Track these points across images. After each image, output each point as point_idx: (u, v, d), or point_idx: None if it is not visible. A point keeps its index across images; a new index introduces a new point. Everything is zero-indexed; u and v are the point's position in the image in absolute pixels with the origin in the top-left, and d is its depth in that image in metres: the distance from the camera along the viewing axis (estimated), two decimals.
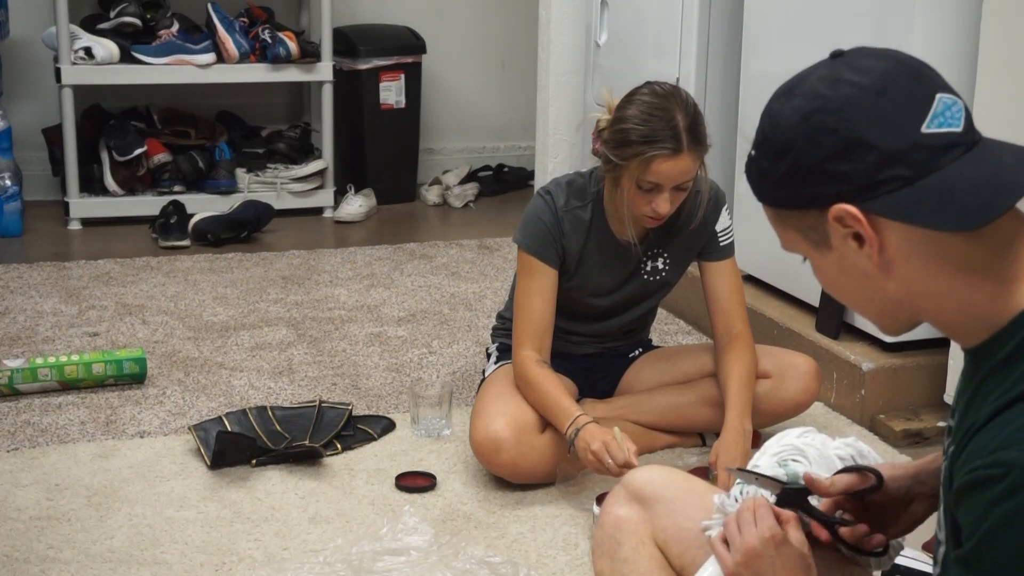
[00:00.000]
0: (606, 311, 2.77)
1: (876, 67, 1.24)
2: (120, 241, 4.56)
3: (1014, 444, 1.13)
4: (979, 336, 1.24)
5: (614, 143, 2.47)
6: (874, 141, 1.20)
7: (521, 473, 2.57)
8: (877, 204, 1.21)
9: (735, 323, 2.69)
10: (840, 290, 1.32)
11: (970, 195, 1.19)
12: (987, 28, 2.67)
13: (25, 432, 2.87)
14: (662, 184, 2.46)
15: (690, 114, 2.45)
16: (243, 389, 3.15)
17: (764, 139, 1.29)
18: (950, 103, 1.22)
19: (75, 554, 2.32)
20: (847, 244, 1.25)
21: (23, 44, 4.98)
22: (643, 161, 2.43)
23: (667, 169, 2.44)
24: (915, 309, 1.27)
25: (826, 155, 1.22)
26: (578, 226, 2.64)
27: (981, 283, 1.22)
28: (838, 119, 1.22)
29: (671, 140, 2.42)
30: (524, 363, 2.61)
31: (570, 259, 2.65)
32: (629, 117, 2.45)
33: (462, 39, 5.61)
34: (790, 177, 1.25)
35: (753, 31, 3.47)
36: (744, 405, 2.59)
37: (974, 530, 1.15)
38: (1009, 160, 1.22)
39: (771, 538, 1.45)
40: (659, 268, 2.72)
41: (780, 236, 1.33)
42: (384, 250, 4.52)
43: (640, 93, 2.49)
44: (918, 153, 1.20)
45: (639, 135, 2.42)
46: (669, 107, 2.44)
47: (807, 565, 1.45)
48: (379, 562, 2.27)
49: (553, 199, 2.63)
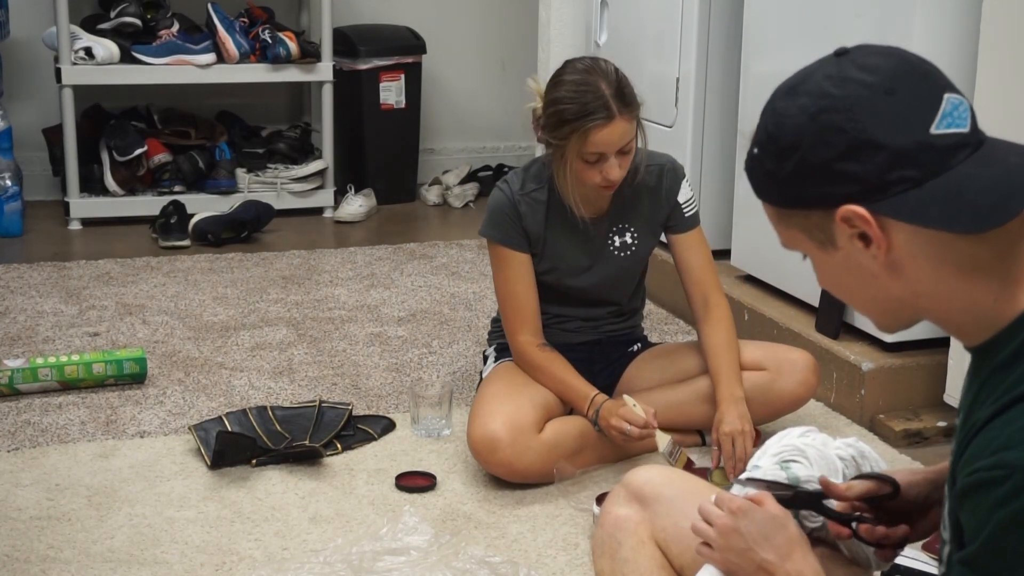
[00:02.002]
0: (590, 292, 2.80)
1: (884, 65, 1.23)
2: (120, 241, 4.56)
3: (1016, 444, 1.13)
4: (982, 336, 1.24)
5: (551, 126, 2.58)
6: (884, 141, 1.19)
7: (517, 473, 2.58)
8: (886, 205, 1.20)
9: (711, 293, 2.76)
10: (843, 289, 1.31)
11: (982, 197, 1.18)
12: (987, 28, 2.67)
13: (25, 432, 2.87)
14: (605, 152, 2.55)
15: (613, 81, 2.55)
16: (243, 389, 3.15)
17: (768, 138, 1.27)
18: (957, 103, 1.22)
19: (75, 554, 2.33)
20: (853, 244, 1.24)
21: (23, 44, 4.98)
22: (581, 135, 2.53)
23: (605, 136, 2.53)
24: (918, 308, 1.27)
25: (835, 155, 1.21)
26: (536, 207, 2.71)
27: (985, 284, 1.21)
28: (847, 118, 1.20)
29: (602, 109, 2.52)
30: (526, 348, 2.69)
31: (535, 241, 2.72)
32: (559, 99, 2.56)
33: (462, 39, 5.61)
34: (796, 176, 1.24)
35: (753, 31, 3.47)
36: (732, 372, 2.66)
37: (977, 532, 1.15)
38: (1016, 160, 1.21)
39: (737, 509, 1.47)
40: (628, 243, 2.78)
41: (781, 235, 1.32)
42: (384, 250, 4.52)
43: (564, 73, 2.60)
44: (927, 154, 1.19)
45: (571, 113, 2.53)
46: (593, 80, 2.54)
47: (779, 525, 1.46)
48: (379, 562, 2.28)
49: (509, 186, 2.73)
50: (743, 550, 1.45)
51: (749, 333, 3.27)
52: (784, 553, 1.43)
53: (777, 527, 1.45)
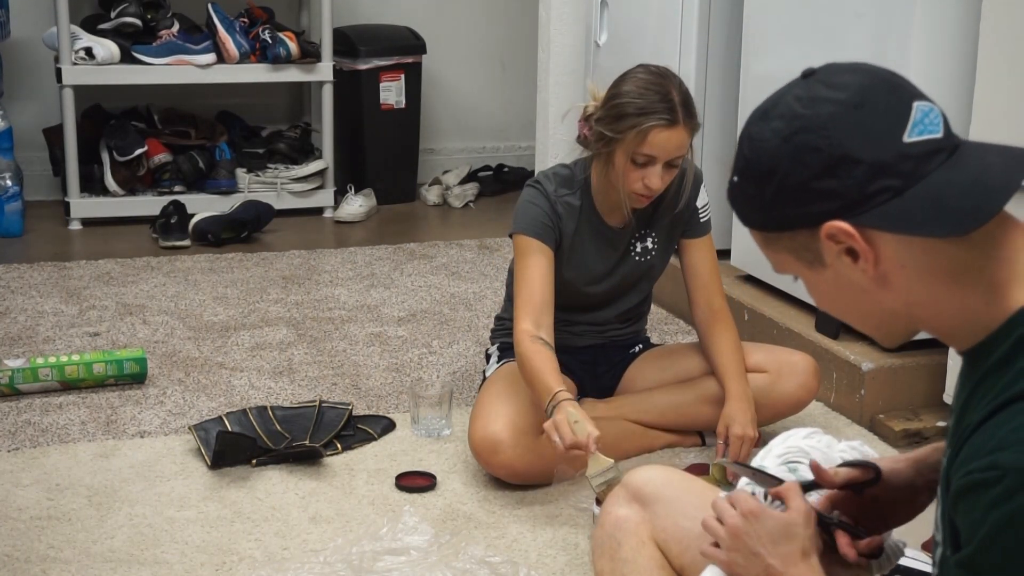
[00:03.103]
0: (603, 297, 2.80)
1: (851, 81, 1.24)
2: (120, 241, 4.56)
3: (1009, 446, 1.13)
4: (973, 339, 1.24)
5: (609, 119, 2.54)
6: (859, 155, 1.20)
7: (518, 474, 2.58)
8: (869, 217, 1.21)
9: (715, 298, 2.76)
10: (837, 306, 1.33)
11: (961, 199, 1.19)
12: (987, 28, 2.67)
13: (26, 432, 2.87)
14: (656, 156, 2.52)
15: (683, 91, 2.54)
16: (243, 389, 3.15)
17: (746, 164, 1.28)
18: (927, 110, 1.23)
19: (75, 554, 2.33)
20: (841, 260, 1.25)
21: (24, 44, 4.98)
22: (640, 132, 2.49)
23: (663, 140, 2.50)
24: (912, 318, 1.28)
25: (812, 174, 1.22)
26: (570, 211, 2.69)
27: (974, 287, 1.22)
28: (820, 137, 1.22)
29: (667, 112, 2.49)
30: (520, 337, 2.63)
31: (564, 244, 2.69)
32: (624, 93, 2.53)
33: (462, 39, 5.61)
34: (777, 200, 1.25)
35: (753, 31, 3.47)
36: (740, 372, 2.66)
37: (972, 534, 1.15)
38: (994, 159, 1.23)
39: (749, 512, 1.46)
40: (648, 248, 2.78)
41: (771, 259, 1.33)
42: (384, 250, 4.52)
43: (634, 72, 2.57)
44: (904, 163, 1.20)
45: (636, 108, 2.49)
46: (664, 83, 2.52)
47: (790, 533, 1.43)
48: (379, 562, 2.28)
49: (544, 187, 2.69)
50: (750, 553, 1.45)
51: (749, 333, 3.27)
52: (790, 561, 1.43)
53: (787, 535, 1.44)
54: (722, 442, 2.61)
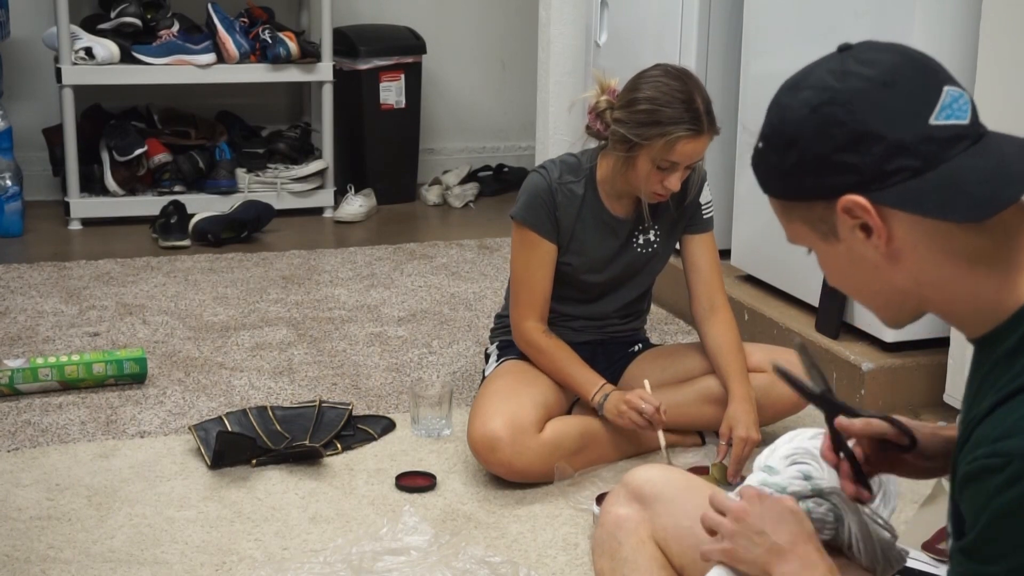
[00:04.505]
0: (601, 288, 2.80)
1: (884, 60, 1.25)
2: (120, 241, 4.56)
3: (1016, 434, 1.14)
4: (984, 327, 1.25)
5: (635, 123, 2.53)
6: (882, 132, 1.21)
7: (516, 472, 2.58)
8: (885, 195, 1.22)
9: (716, 295, 2.77)
10: (847, 282, 1.33)
11: (978, 186, 1.20)
12: (987, 27, 2.67)
13: (26, 432, 2.87)
14: (681, 163, 2.54)
15: (706, 97, 2.55)
16: (243, 389, 3.15)
17: (772, 131, 1.29)
18: (957, 96, 1.24)
19: (75, 554, 2.33)
20: (855, 235, 1.25)
21: (24, 44, 4.98)
22: (668, 142, 2.51)
23: (690, 149, 2.53)
24: (922, 300, 1.28)
25: (834, 146, 1.23)
26: (571, 199, 2.70)
27: (987, 273, 1.23)
28: (846, 111, 1.23)
29: (694, 122, 2.50)
30: (533, 334, 2.69)
31: (564, 233, 2.71)
32: (650, 98, 2.52)
33: (462, 39, 5.61)
34: (798, 169, 1.26)
35: (753, 30, 3.47)
36: (742, 371, 2.67)
37: (976, 520, 1.16)
38: (1012, 151, 1.23)
39: (755, 495, 1.48)
40: (651, 240, 2.79)
41: (786, 228, 1.34)
42: (384, 250, 4.52)
43: (654, 75, 2.56)
44: (926, 145, 1.21)
45: (666, 117, 2.50)
46: (688, 89, 2.52)
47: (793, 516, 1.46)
48: (379, 562, 2.28)
49: (548, 173, 2.71)
50: (754, 533, 1.46)
51: (749, 333, 3.27)
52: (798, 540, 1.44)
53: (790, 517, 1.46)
54: (724, 443, 2.61)
